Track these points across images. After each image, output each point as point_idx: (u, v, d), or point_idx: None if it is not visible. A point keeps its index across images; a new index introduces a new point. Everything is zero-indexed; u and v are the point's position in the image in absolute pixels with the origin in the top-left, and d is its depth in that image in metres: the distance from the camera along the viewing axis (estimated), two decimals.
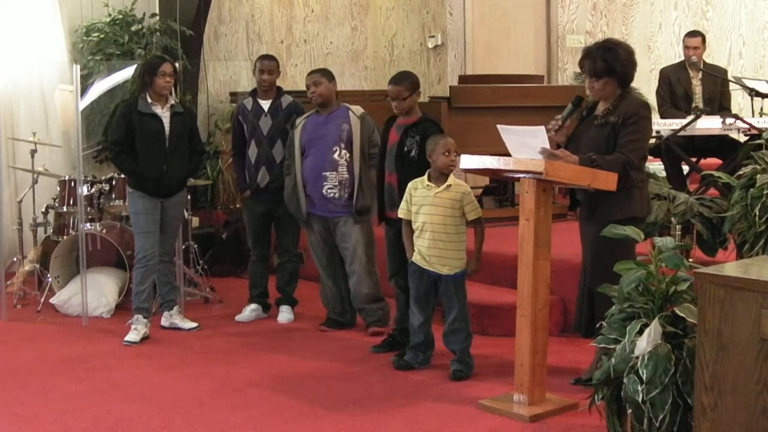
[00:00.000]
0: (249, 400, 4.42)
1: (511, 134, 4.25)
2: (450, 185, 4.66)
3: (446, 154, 4.64)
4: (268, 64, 5.98)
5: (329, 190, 5.54)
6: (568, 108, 4.39)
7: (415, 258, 4.75)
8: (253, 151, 5.93)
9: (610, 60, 4.30)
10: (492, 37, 9.58)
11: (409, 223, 4.79)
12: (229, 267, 7.41)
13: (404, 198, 4.80)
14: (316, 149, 5.57)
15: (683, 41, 7.34)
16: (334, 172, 5.53)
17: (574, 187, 4.37)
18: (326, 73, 5.68)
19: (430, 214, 4.66)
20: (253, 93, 6.03)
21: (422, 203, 4.69)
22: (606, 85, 4.33)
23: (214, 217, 8.02)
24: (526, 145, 4.16)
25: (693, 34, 7.32)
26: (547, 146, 4.09)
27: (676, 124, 6.41)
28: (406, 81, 5.07)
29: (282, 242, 6.09)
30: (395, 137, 5.08)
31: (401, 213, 4.81)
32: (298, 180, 5.63)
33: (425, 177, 4.72)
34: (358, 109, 5.62)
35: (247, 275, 6.32)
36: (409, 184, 4.78)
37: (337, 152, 5.52)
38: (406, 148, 5.00)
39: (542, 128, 4.12)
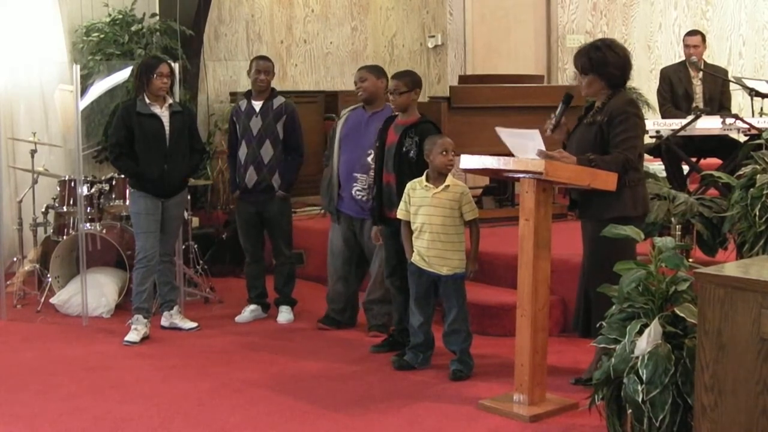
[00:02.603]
0: (249, 400, 4.41)
1: (509, 136, 4.25)
2: (448, 185, 4.66)
3: (444, 153, 4.63)
4: (263, 65, 5.96)
5: (358, 192, 5.50)
6: (560, 107, 4.41)
7: (414, 258, 4.75)
8: (243, 152, 5.92)
9: (595, 59, 4.32)
10: (492, 37, 9.58)
11: (408, 223, 4.78)
12: (229, 267, 7.41)
13: (403, 198, 4.79)
14: (352, 147, 5.53)
15: (683, 40, 7.36)
16: (365, 175, 5.48)
17: (573, 187, 4.38)
18: (374, 70, 5.59)
19: (428, 214, 4.66)
20: (248, 94, 6.02)
21: (421, 204, 4.69)
22: (592, 83, 4.35)
23: (214, 217, 8.01)
24: (523, 147, 4.17)
25: (692, 33, 7.34)
26: (543, 148, 4.10)
27: (676, 124, 6.41)
28: (406, 77, 5.08)
29: (274, 245, 6.05)
30: (394, 137, 5.07)
31: (400, 214, 4.80)
32: (334, 175, 5.62)
33: (423, 177, 4.72)
34: None
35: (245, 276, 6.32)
36: (408, 185, 4.78)
37: (372, 155, 5.41)
38: (404, 149, 4.99)
39: (537, 131, 4.12)
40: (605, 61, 4.32)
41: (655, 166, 6.53)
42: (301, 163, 6.04)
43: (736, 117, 6.32)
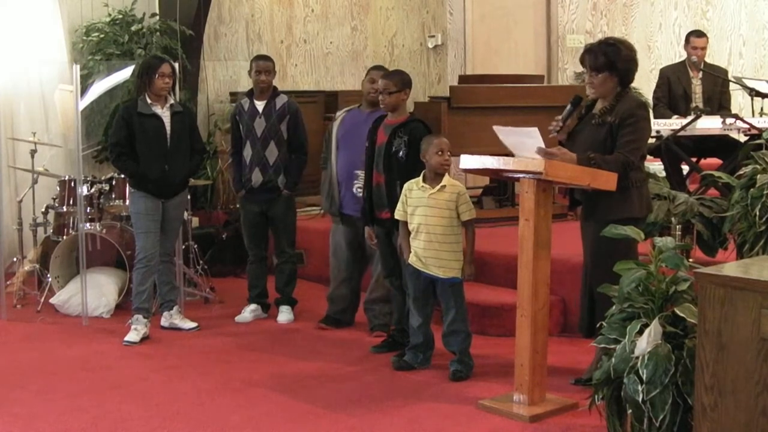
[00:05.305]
0: (249, 400, 4.42)
1: (507, 135, 4.25)
2: (444, 186, 4.64)
3: (439, 153, 4.62)
4: (264, 65, 5.96)
5: (359, 189, 5.47)
6: (568, 108, 4.39)
7: (412, 259, 4.74)
8: (248, 152, 5.92)
9: (611, 55, 4.30)
10: (492, 37, 9.58)
11: (405, 224, 4.77)
12: (229, 267, 7.41)
13: (400, 199, 4.78)
14: (351, 146, 5.51)
15: (689, 41, 7.20)
16: None
17: (573, 186, 4.37)
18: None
19: (425, 215, 4.65)
20: (250, 94, 6.01)
21: (417, 204, 4.68)
22: (606, 81, 4.32)
23: (214, 217, 8.02)
24: (523, 145, 4.16)
25: (700, 34, 7.25)
26: (543, 146, 4.09)
27: (676, 124, 6.40)
28: (396, 77, 5.07)
29: (277, 243, 6.06)
30: (383, 137, 5.06)
31: (398, 214, 4.79)
32: (333, 176, 5.61)
33: (420, 178, 4.71)
34: None
35: (246, 275, 6.32)
36: (405, 185, 4.77)
37: None
38: (394, 149, 4.98)
39: (536, 129, 4.11)
40: (620, 56, 4.30)
41: (655, 166, 6.53)
42: (305, 162, 6.04)
43: (737, 117, 6.32)
